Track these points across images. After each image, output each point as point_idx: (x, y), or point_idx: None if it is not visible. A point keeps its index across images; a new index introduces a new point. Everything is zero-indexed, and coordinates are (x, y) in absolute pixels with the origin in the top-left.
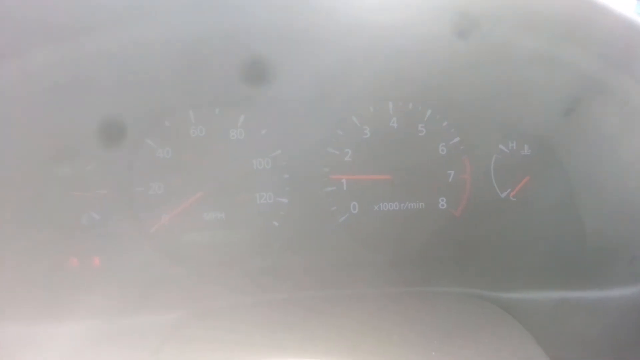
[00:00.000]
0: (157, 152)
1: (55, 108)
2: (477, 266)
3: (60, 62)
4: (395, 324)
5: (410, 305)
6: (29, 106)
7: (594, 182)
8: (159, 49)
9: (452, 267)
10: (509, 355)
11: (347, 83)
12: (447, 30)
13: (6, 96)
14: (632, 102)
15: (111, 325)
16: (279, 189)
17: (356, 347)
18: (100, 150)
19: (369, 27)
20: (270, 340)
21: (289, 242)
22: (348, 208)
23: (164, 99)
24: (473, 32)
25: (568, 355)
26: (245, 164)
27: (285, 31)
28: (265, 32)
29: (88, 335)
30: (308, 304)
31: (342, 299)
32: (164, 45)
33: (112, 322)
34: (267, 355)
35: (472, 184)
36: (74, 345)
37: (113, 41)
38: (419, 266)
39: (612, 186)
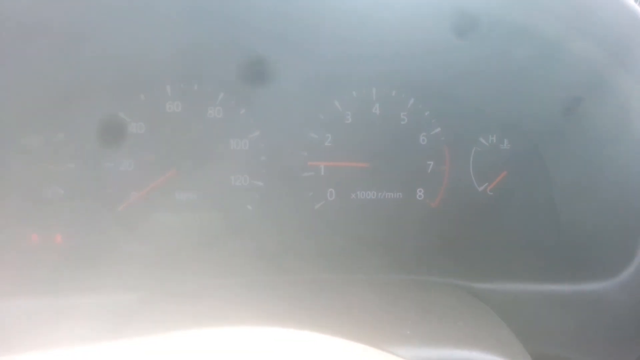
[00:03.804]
0: (130, 126)
1: (26, 72)
2: (452, 257)
3: (35, 24)
4: (366, 308)
5: (384, 292)
6: None
7: (579, 177)
8: (142, 19)
9: (427, 257)
10: (481, 335)
11: (331, 67)
12: (438, 26)
13: None
14: (629, 99)
15: (68, 302)
16: (255, 171)
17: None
18: (69, 121)
19: (358, 15)
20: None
21: (263, 227)
22: (325, 195)
23: (141, 70)
24: (468, 27)
25: (540, 346)
26: (222, 143)
27: (272, 15)
28: (253, 15)
29: (44, 311)
30: (277, 287)
31: (314, 284)
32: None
33: (69, 299)
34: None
35: (450, 176)
36: (29, 321)
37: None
38: (394, 255)
39: (596, 182)
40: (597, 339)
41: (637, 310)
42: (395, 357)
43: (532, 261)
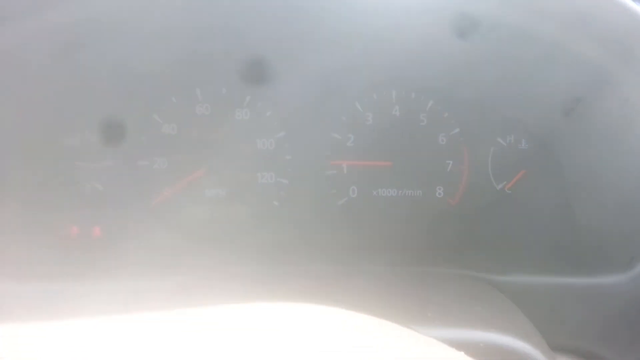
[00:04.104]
0: (163, 127)
1: (66, 77)
2: (471, 251)
3: (70, 26)
4: (387, 296)
5: (404, 282)
6: (39, 74)
7: (589, 175)
8: (172, 28)
9: (446, 251)
10: (497, 318)
11: (352, 70)
12: (450, 27)
13: (15, 62)
14: (632, 98)
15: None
16: (280, 169)
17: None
18: (107, 123)
19: (378, 20)
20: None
21: (288, 222)
22: (347, 192)
23: (172, 75)
24: (474, 30)
25: (555, 337)
26: (249, 143)
27: (295, 20)
28: (274, 19)
29: (84, 296)
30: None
31: (339, 275)
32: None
33: (110, 286)
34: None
35: (469, 175)
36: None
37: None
38: (414, 250)
39: (606, 180)
40: (611, 331)
41: None
42: (420, 334)
43: (548, 255)
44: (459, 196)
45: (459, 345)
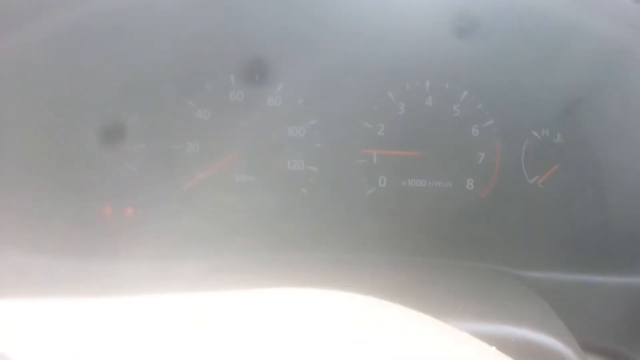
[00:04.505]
0: (196, 112)
1: (102, 60)
2: (501, 246)
3: (107, 13)
4: (416, 287)
5: (433, 274)
6: (77, 57)
7: (625, 172)
8: (204, 19)
9: (475, 244)
10: (530, 318)
11: (385, 59)
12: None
13: (54, 46)
14: None
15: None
16: (310, 157)
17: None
18: (143, 106)
19: (411, 9)
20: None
21: (316, 210)
22: (376, 181)
23: (207, 62)
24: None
25: (586, 336)
26: (280, 130)
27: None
28: (306, 10)
29: (116, 275)
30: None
31: (367, 264)
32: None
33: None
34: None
35: (501, 168)
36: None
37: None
38: (443, 242)
39: None
40: None
41: None
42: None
43: (581, 253)
44: (490, 189)
45: (490, 340)
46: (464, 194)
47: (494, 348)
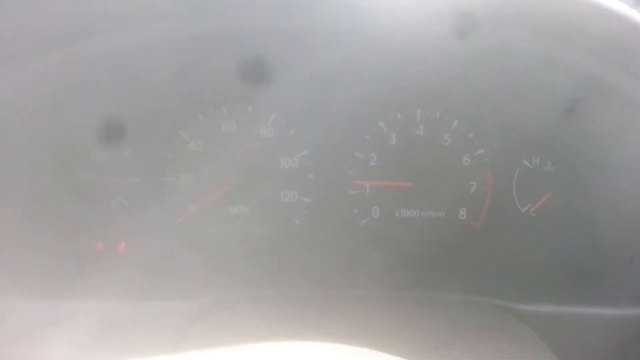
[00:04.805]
0: (189, 144)
1: (92, 96)
2: (495, 277)
3: (100, 54)
4: (413, 327)
5: (425, 310)
6: (66, 93)
7: (616, 201)
8: (192, 47)
9: (469, 276)
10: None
11: (376, 90)
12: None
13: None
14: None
15: (129, 308)
16: (303, 188)
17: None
18: (135, 139)
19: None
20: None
21: (310, 241)
22: (369, 212)
23: (200, 93)
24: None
25: None
26: (273, 162)
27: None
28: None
29: (107, 315)
30: (324, 301)
31: (359, 299)
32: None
33: (130, 305)
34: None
35: (493, 197)
36: (93, 324)
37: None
38: (436, 273)
39: (633, 207)
40: None
41: None
42: None
43: (575, 284)
44: (483, 219)
45: None
46: (457, 223)
47: None
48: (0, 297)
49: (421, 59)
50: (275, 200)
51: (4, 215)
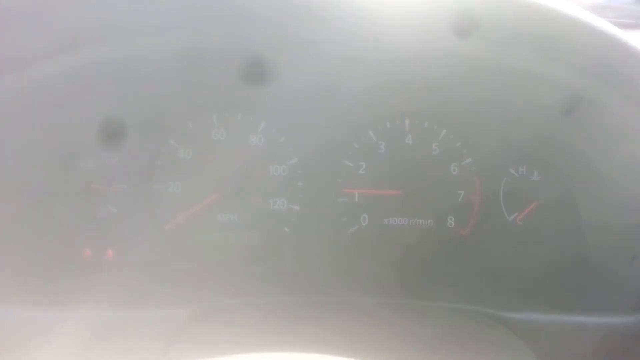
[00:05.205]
0: (178, 151)
1: (82, 102)
2: (482, 285)
3: (88, 62)
4: (401, 335)
5: (414, 318)
6: (56, 99)
7: (601, 210)
8: (181, 56)
9: (457, 284)
10: None
11: (366, 98)
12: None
13: (36, 88)
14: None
15: (118, 316)
16: (292, 196)
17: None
18: (123, 146)
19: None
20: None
21: (299, 249)
22: (358, 220)
23: (189, 101)
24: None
25: None
26: (262, 169)
27: (306, 44)
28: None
29: (95, 324)
30: (313, 308)
31: (347, 307)
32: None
33: (119, 314)
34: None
35: (480, 205)
36: (82, 333)
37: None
38: (425, 281)
39: (618, 217)
40: None
41: None
42: None
43: (561, 292)
44: (470, 226)
45: None
46: (445, 231)
47: None
48: None
49: (410, 69)
50: (264, 208)
51: None
